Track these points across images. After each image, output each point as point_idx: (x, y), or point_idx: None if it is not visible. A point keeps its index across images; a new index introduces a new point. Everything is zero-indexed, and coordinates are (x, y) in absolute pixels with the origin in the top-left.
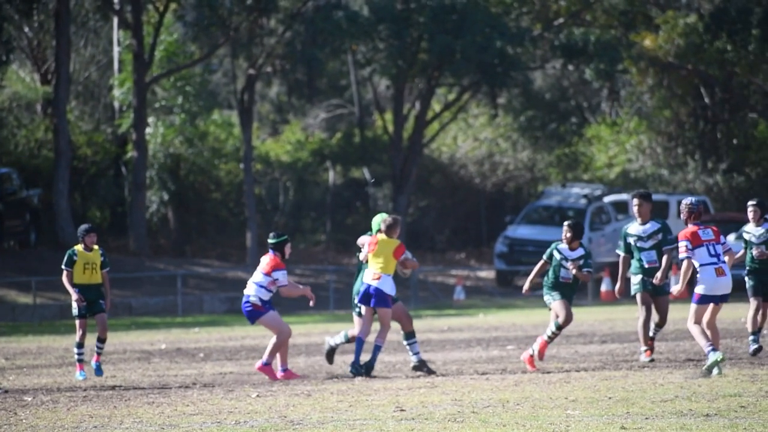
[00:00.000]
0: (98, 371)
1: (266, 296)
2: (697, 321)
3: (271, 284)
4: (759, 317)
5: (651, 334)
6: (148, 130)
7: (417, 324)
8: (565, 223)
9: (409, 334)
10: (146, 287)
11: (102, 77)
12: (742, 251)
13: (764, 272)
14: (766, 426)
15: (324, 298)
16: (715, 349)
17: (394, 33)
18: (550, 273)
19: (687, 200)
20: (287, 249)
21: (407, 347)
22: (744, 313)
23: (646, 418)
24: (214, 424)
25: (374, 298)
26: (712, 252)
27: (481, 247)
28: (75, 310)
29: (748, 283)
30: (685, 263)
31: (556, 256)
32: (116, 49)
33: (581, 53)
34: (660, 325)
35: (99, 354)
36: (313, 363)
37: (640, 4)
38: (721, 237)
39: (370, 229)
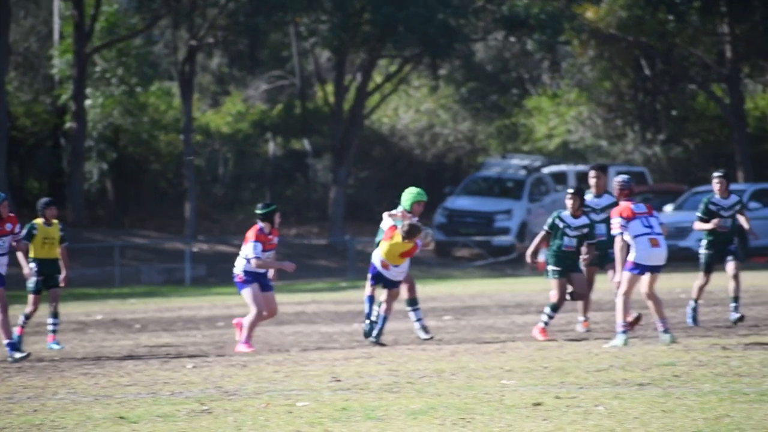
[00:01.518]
0: (58, 346)
1: (257, 270)
2: (628, 291)
3: (255, 264)
4: (705, 289)
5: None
6: (87, 101)
7: (355, 295)
8: (568, 191)
9: (412, 301)
10: (84, 258)
11: (42, 48)
12: (699, 223)
13: (725, 243)
14: (699, 395)
15: None
16: (625, 332)
17: (337, 4)
18: (552, 243)
19: (619, 178)
20: (277, 218)
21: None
22: (683, 283)
23: (581, 388)
24: (149, 395)
25: (384, 281)
26: (646, 223)
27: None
28: (31, 284)
29: (704, 257)
30: (617, 240)
31: (559, 224)
32: (56, 19)
33: (523, 25)
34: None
35: (54, 333)
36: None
37: None
38: (654, 212)
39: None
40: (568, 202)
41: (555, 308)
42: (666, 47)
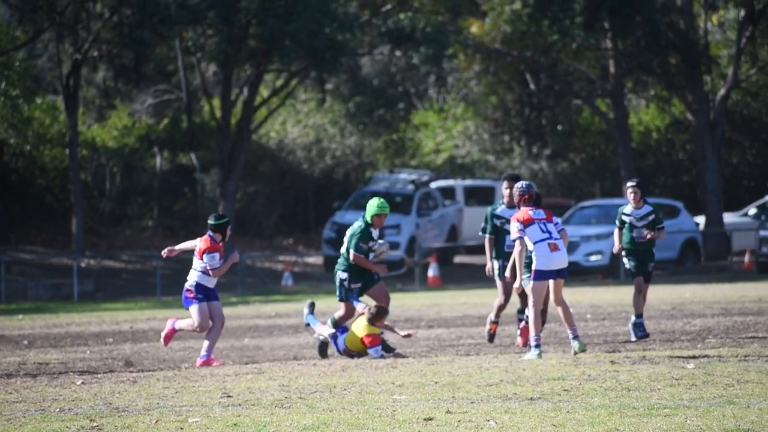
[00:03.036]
0: None
1: (207, 282)
2: (537, 302)
3: (214, 274)
4: (642, 299)
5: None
6: None
7: (244, 310)
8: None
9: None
10: None
11: None
12: (616, 231)
13: (643, 253)
14: (588, 409)
15: (151, 284)
16: (538, 345)
17: (223, 18)
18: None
19: (519, 184)
20: (228, 231)
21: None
22: (570, 297)
23: (472, 402)
24: (37, 412)
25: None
26: (544, 229)
27: (309, 233)
28: None
29: (628, 264)
30: (517, 244)
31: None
32: None
33: (409, 39)
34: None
35: None
36: (140, 350)
37: None
38: (554, 218)
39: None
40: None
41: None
42: (550, 62)
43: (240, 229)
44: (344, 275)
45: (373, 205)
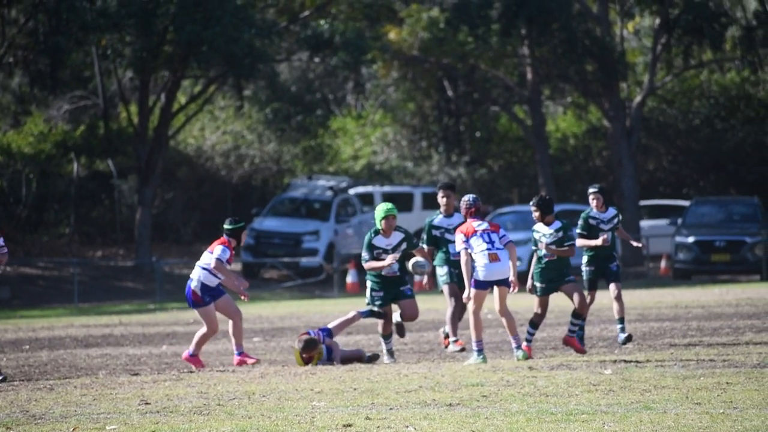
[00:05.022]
0: None
1: (211, 282)
2: (477, 308)
3: (216, 266)
4: (590, 305)
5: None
6: None
7: (162, 317)
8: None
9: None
10: None
11: None
12: (582, 240)
13: (606, 259)
14: (507, 415)
15: (68, 291)
16: (480, 350)
17: (141, 25)
18: (535, 258)
19: (465, 198)
20: (244, 236)
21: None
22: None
23: (391, 409)
24: None
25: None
26: (486, 239)
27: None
28: None
29: (587, 274)
30: (462, 255)
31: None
32: None
33: (328, 45)
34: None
35: None
36: (57, 357)
37: None
38: (501, 230)
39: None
40: (534, 215)
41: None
42: (468, 69)
43: (158, 236)
44: (369, 283)
45: (380, 210)
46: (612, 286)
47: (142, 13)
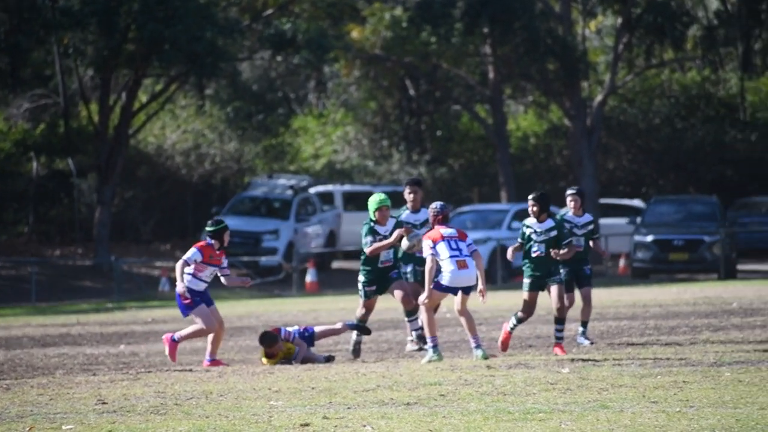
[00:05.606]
0: None
1: (196, 286)
2: (430, 308)
3: (198, 269)
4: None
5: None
6: None
7: (120, 316)
8: (570, 192)
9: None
10: None
11: None
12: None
13: (579, 261)
14: (464, 414)
15: (26, 290)
16: (435, 346)
17: (103, 23)
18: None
19: (433, 205)
20: (226, 236)
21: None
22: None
23: (348, 408)
24: None
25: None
26: (453, 246)
27: (187, 238)
28: None
29: (562, 274)
30: (428, 261)
31: (526, 231)
32: None
33: (290, 44)
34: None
35: None
36: (13, 356)
37: None
38: (468, 238)
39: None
40: (530, 210)
41: (521, 320)
42: (430, 68)
43: (117, 235)
44: (361, 277)
45: (373, 201)
46: (583, 290)
47: (105, 11)
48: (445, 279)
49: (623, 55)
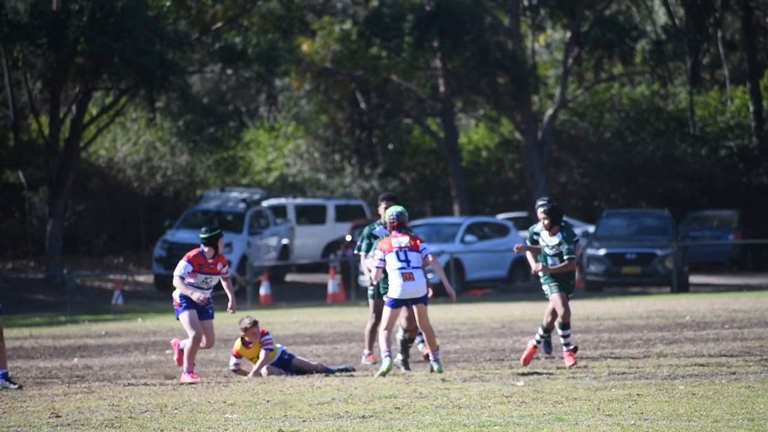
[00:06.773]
0: None
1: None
2: (389, 326)
3: (189, 275)
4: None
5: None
6: None
7: (74, 329)
8: (542, 209)
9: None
10: None
11: None
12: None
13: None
14: (420, 426)
15: None
16: (389, 355)
17: (53, 36)
18: (541, 260)
19: (389, 211)
20: (220, 243)
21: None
22: None
23: (304, 421)
24: None
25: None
26: (402, 258)
27: (139, 252)
28: None
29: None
30: (373, 270)
31: (540, 242)
32: None
33: (240, 57)
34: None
35: None
36: None
37: (296, 10)
38: (421, 245)
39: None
40: (542, 222)
41: (565, 326)
42: (380, 81)
43: (69, 248)
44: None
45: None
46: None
47: (54, 24)
48: (393, 292)
49: (573, 70)
